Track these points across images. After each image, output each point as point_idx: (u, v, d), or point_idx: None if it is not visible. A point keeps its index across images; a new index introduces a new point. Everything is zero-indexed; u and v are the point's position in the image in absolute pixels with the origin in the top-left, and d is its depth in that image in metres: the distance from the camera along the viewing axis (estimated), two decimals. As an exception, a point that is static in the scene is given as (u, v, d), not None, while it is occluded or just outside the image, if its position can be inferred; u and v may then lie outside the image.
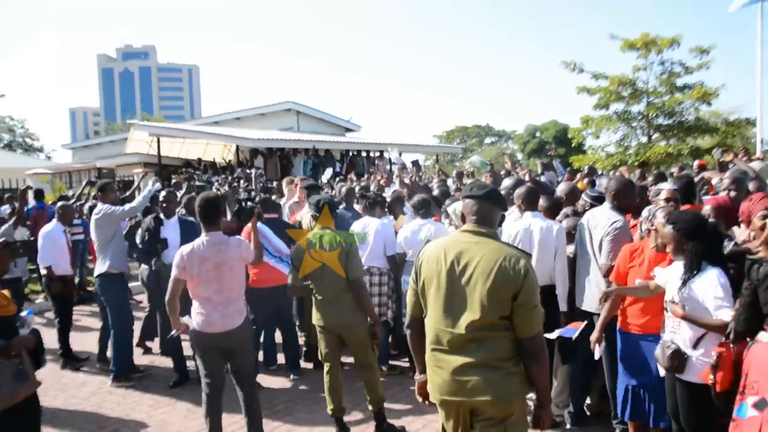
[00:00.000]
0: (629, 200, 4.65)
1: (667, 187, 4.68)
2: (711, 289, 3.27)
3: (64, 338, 6.91)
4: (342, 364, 5.10)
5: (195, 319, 4.31)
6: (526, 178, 7.85)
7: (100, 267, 6.24)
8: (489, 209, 2.87)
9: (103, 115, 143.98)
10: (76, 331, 7.73)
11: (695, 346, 3.36)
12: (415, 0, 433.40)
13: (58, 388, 6.15)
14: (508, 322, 2.73)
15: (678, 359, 3.38)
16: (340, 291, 4.66)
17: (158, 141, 21.57)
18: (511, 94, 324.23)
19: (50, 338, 6.46)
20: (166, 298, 4.39)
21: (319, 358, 4.99)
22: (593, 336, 4.24)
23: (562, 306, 4.84)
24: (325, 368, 4.87)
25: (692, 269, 3.35)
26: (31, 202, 9.83)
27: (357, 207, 7.11)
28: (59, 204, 7.39)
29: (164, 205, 6.31)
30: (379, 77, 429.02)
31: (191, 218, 6.50)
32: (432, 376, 2.91)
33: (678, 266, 3.51)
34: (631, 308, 4.07)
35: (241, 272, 4.43)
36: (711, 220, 3.96)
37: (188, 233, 5.92)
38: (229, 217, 6.52)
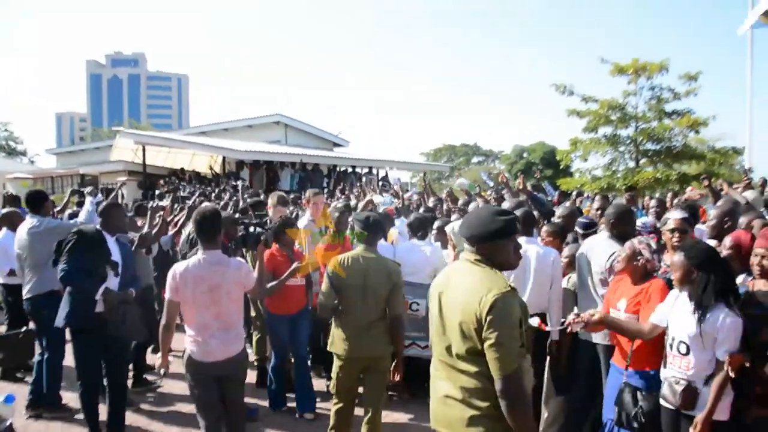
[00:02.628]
0: (628, 227, 4.50)
1: (676, 216, 4.40)
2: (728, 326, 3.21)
3: None
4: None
5: (190, 347, 3.92)
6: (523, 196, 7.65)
7: (37, 287, 5.54)
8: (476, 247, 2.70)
9: (90, 122, 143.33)
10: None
11: (706, 382, 3.28)
12: (406, 18, 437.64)
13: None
14: (480, 358, 2.53)
15: (690, 395, 3.29)
16: (376, 320, 4.33)
17: (143, 149, 21.33)
18: (499, 114, 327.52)
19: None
20: (162, 323, 3.95)
21: (331, 391, 4.57)
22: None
23: (554, 335, 4.68)
24: (336, 407, 4.43)
25: (705, 302, 3.26)
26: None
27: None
28: (5, 210, 6.86)
29: (105, 217, 5.00)
30: (369, 93, 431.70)
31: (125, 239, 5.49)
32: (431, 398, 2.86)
33: (679, 301, 3.43)
34: (621, 342, 3.89)
35: (240, 297, 4.04)
36: (726, 252, 3.82)
37: (125, 260, 5.02)
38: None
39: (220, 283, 3.86)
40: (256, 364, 6.31)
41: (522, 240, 4.81)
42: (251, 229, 4.63)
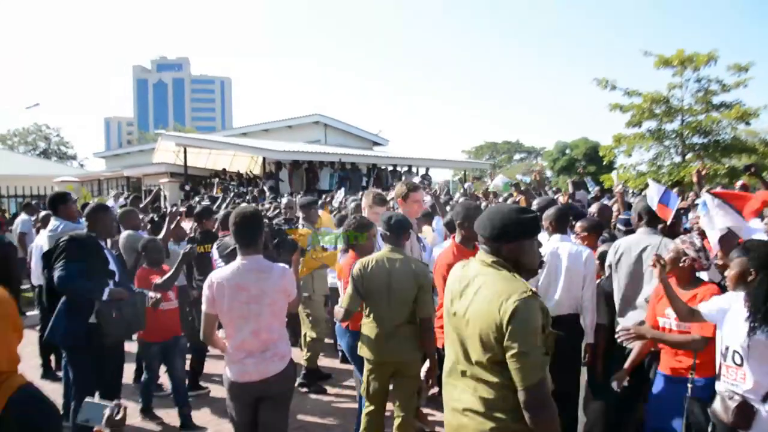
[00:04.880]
0: (658, 218, 4.30)
1: None
2: None
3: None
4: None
5: (227, 366, 3.63)
6: (562, 200, 7.46)
7: None
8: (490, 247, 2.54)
9: (137, 125, 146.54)
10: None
11: (765, 398, 2.92)
12: (447, 16, 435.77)
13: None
14: (501, 368, 2.37)
15: (746, 414, 2.92)
16: (401, 324, 4.14)
17: (185, 151, 21.66)
18: (541, 110, 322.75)
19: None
20: (201, 338, 3.70)
21: (362, 394, 4.41)
22: (619, 374, 3.89)
23: (589, 338, 4.51)
24: (366, 410, 4.32)
25: (761, 310, 2.90)
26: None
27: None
28: (43, 213, 7.09)
29: (93, 222, 4.66)
30: (409, 92, 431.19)
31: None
32: (445, 408, 2.70)
33: (738, 305, 3.07)
34: (664, 347, 3.69)
35: (283, 309, 3.64)
36: None
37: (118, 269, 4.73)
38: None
39: (263, 291, 3.50)
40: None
41: (555, 237, 4.68)
42: (286, 235, 4.34)
